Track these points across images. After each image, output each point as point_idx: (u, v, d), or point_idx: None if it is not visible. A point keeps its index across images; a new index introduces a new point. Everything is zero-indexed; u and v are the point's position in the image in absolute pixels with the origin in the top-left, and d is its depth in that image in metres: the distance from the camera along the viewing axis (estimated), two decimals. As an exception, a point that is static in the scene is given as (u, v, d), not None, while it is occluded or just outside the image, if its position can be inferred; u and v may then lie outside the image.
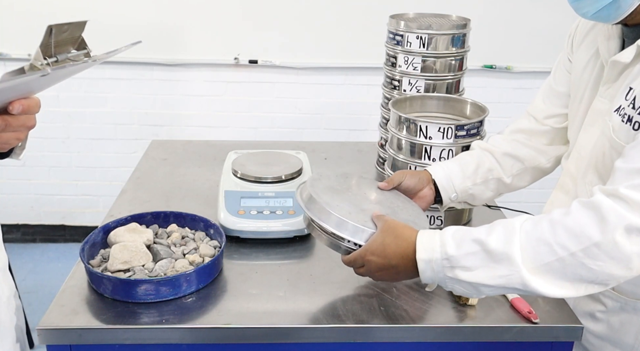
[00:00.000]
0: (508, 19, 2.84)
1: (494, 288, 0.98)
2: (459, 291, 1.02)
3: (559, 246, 0.93)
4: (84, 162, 3.12)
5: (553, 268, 0.93)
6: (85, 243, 1.21)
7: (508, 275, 0.95)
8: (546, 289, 0.94)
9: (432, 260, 1.01)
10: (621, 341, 1.16)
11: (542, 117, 1.34)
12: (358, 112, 3.02)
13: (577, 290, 0.95)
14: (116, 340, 1.08)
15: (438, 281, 1.02)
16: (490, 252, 0.96)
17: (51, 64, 0.81)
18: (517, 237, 0.96)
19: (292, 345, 1.12)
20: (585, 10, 1.05)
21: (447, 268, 0.99)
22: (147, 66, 2.91)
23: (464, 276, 0.98)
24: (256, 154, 1.57)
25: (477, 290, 1.00)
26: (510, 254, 0.95)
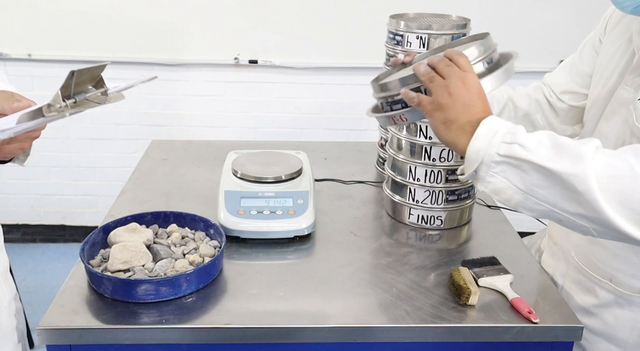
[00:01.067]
0: (508, 19, 2.84)
1: (546, 174, 0.83)
2: (494, 181, 0.88)
3: (638, 164, 0.82)
4: (84, 162, 3.12)
5: (622, 186, 0.81)
6: (85, 243, 1.21)
7: (571, 166, 0.82)
8: (605, 205, 0.81)
9: (497, 130, 0.88)
10: (615, 337, 1.16)
11: (559, 90, 1.34)
12: (358, 112, 3.02)
13: (636, 228, 0.82)
14: (116, 340, 1.08)
15: (484, 159, 0.88)
16: (558, 143, 0.86)
17: (69, 105, 0.83)
18: (594, 143, 0.85)
19: (292, 345, 1.12)
20: (625, 4, 1.01)
21: (505, 144, 0.86)
22: (147, 66, 2.91)
23: (521, 153, 0.85)
24: (256, 154, 1.57)
25: (522, 177, 0.85)
26: (582, 151, 0.83)
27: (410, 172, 1.44)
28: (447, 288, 1.19)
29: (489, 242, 1.40)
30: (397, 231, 1.44)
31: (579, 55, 1.32)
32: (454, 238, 1.40)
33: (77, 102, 0.86)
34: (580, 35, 1.32)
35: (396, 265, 1.28)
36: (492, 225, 1.46)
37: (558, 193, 0.85)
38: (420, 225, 1.45)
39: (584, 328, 1.17)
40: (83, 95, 0.88)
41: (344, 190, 1.64)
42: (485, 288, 1.19)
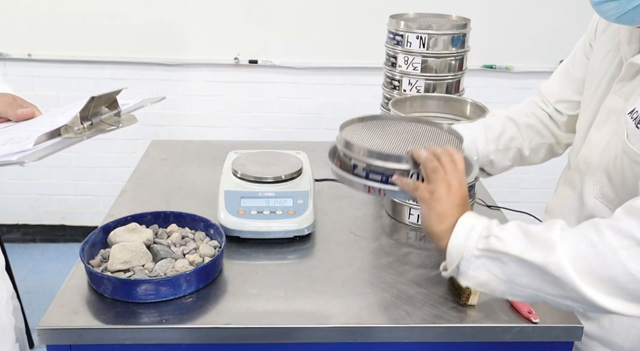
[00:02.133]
0: (508, 19, 2.84)
1: (523, 265, 0.88)
2: (477, 275, 0.91)
3: (601, 242, 0.85)
4: (84, 162, 3.12)
5: (594, 267, 0.85)
6: (85, 243, 1.21)
7: (545, 256, 0.86)
8: (582, 286, 0.85)
9: (473, 227, 0.93)
10: (611, 341, 1.16)
11: (554, 100, 1.34)
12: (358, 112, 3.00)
13: (618, 303, 0.85)
14: (116, 340, 1.08)
15: (464, 254, 0.92)
16: (529, 232, 0.90)
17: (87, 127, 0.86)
18: (557, 226, 0.90)
19: (292, 345, 1.12)
20: (609, 14, 1.02)
21: (482, 239, 0.91)
22: (147, 66, 2.91)
23: (495, 245, 0.89)
24: (256, 154, 1.57)
25: (502, 269, 0.89)
26: (550, 237, 0.87)
27: (410, 172, 1.44)
28: (447, 288, 1.19)
29: (489, 242, 1.40)
30: (397, 231, 1.44)
31: (571, 62, 1.31)
32: (454, 238, 1.40)
33: (93, 124, 0.89)
34: (580, 35, 1.32)
35: (396, 265, 1.28)
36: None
37: (538, 280, 0.89)
38: (420, 225, 1.45)
39: None
40: (98, 117, 0.91)
41: (344, 190, 1.64)
42: (485, 288, 1.19)
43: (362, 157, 1.03)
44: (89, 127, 0.89)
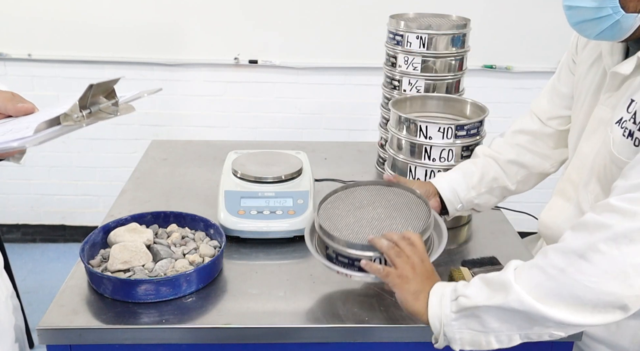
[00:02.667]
0: (508, 19, 2.84)
1: (493, 312, 0.93)
2: (462, 336, 0.96)
3: (548, 265, 0.90)
4: (84, 162, 3.12)
5: (548, 289, 0.89)
6: (85, 243, 1.21)
7: (504, 297, 0.91)
8: (547, 310, 0.89)
9: (443, 294, 0.98)
10: (617, 345, 1.16)
11: (545, 117, 1.34)
12: (358, 112, 3.01)
13: (586, 316, 0.89)
14: (116, 340, 1.08)
15: (444, 320, 0.97)
16: (489, 281, 0.95)
17: (85, 115, 0.88)
18: (511, 268, 0.95)
19: (292, 345, 1.12)
20: (588, 33, 1.04)
21: (453, 302, 0.96)
22: (147, 66, 2.91)
23: (465, 302, 0.95)
24: (256, 154, 1.57)
25: (479, 322, 0.94)
26: (504, 279, 0.93)
27: (410, 172, 1.44)
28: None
29: (489, 242, 1.40)
30: (397, 231, 1.44)
31: (557, 78, 1.32)
32: (454, 238, 1.40)
33: (92, 113, 0.91)
34: (580, 35, 1.32)
35: (396, 265, 1.27)
36: (492, 225, 1.46)
37: (511, 320, 0.93)
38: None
39: (586, 334, 1.17)
40: (97, 106, 0.92)
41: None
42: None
43: (334, 244, 1.11)
44: (87, 115, 0.90)
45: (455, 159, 1.41)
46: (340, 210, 1.19)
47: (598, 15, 0.99)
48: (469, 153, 1.42)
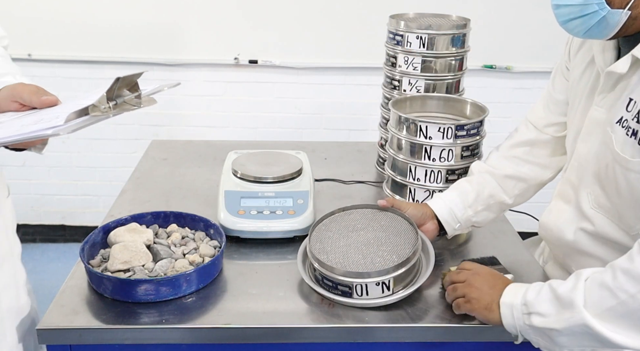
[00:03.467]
0: (508, 19, 2.84)
1: (563, 333, 0.97)
2: (538, 343, 1.02)
3: (619, 290, 0.93)
4: (84, 162, 3.12)
5: (618, 313, 0.93)
6: (85, 243, 1.21)
7: (571, 317, 0.96)
8: (616, 336, 0.93)
9: (513, 305, 1.03)
10: None
11: (542, 125, 1.34)
12: (358, 112, 3.01)
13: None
14: (116, 340, 1.08)
15: (519, 329, 1.03)
16: (559, 297, 0.98)
17: (112, 107, 0.94)
18: (582, 282, 0.97)
19: (292, 345, 1.12)
20: (576, 31, 1.06)
21: (525, 316, 1.01)
22: (147, 66, 2.90)
23: (537, 322, 1.00)
24: (256, 154, 1.57)
25: (551, 339, 0.99)
26: (573, 298, 0.96)
27: (410, 172, 1.44)
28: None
29: (489, 242, 1.40)
30: (397, 231, 1.44)
31: (552, 85, 1.33)
32: (454, 238, 1.40)
33: (117, 104, 0.96)
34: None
35: (396, 265, 1.27)
36: (492, 225, 1.46)
37: (581, 341, 0.98)
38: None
39: None
40: (122, 98, 0.97)
41: (344, 190, 1.64)
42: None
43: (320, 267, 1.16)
44: (113, 106, 0.96)
45: (455, 159, 1.41)
46: (332, 232, 1.24)
47: (585, 12, 1.01)
48: (469, 153, 1.42)
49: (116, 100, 0.96)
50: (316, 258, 1.16)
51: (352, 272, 1.12)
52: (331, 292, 1.14)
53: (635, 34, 1.03)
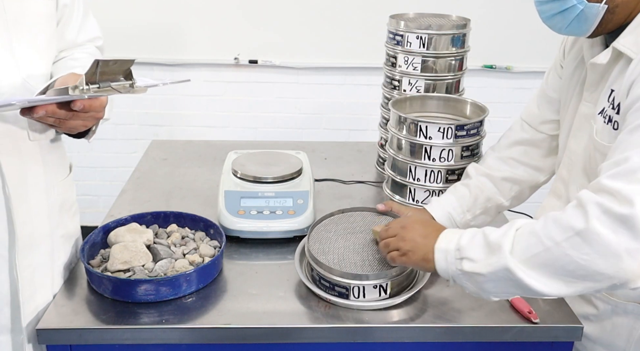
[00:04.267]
0: (508, 19, 2.84)
1: (489, 278, 0.97)
2: (468, 288, 1.01)
3: (546, 237, 0.92)
4: (84, 162, 3.12)
5: (541, 260, 0.92)
6: (85, 243, 1.21)
7: (496, 262, 0.95)
8: (536, 282, 0.93)
9: (447, 250, 1.02)
10: (613, 344, 1.16)
11: (536, 123, 1.34)
12: (358, 112, 3.01)
13: (569, 287, 0.92)
14: (116, 340, 1.08)
15: (452, 274, 1.02)
16: (489, 243, 0.98)
17: (91, 89, 0.96)
18: (513, 230, 0.97)
19: (292, 345, 1.12)
20: (558, 27, 1.09)
21: (458, 261, 1.00)
22: (147, 66, 2.91)
23: (467, 267, 0.99)
24: (256, 154, 1.57)
25: (479, 284, 0.99)
26: (501, 244, 0.96)
27: (410, 172, 1.44)
28: (448, 288, 1.19)
29: (489, 242, 1.40)
30: (397, 231, 1.44)
31: (546, 84, 1.34)
32: (454, 238, 1.40)
33: (100, 88, 0.98)
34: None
35: (396, 265, 1.27)
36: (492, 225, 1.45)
37: (506, 286, 0.97)
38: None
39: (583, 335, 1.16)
40: (108, 83, 0.99)
41: (344, 190, 1.64)
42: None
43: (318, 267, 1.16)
44: (95, 90, 0.97)
45: (455, 159, 1.41)
46: (331, 233, 1.25)
47: (564, 7, 1.05)
48: (469, 153, 1.42)
49: (100, 84, 0.97)
50: (314, 258, 1.16)
51: (350, 273, 1.12)
52: (328, 293, 1.14)
53: (618, 30, 1.06)
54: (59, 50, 1.21)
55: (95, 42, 1.33)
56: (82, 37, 1.27)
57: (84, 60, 1.21)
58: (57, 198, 1.20)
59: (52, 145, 1.18)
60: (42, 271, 1.14)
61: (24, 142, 1.08)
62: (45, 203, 1.15)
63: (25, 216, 1.10)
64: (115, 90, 0.99)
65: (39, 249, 1.13)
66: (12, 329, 1.10)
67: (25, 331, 1.11)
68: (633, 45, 1.02)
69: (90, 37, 1.31)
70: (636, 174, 0.88)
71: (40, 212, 1.14)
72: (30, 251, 1.11)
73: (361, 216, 1.31)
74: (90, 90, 0.95)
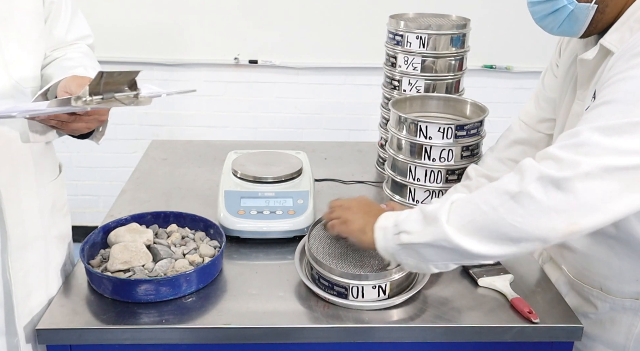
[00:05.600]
0: (508, 19, 2.84)
1: (428, 247, 1.00)
2: (408, 263, 1.05)
3: (483, 202, 0.95)
4: (84, 162, 3.12)
5: (478, 225, 0.95)
6: (85, 243, 1.21)
7: (434, 231, 0.98)
8: (473, 246, 0.95)
9: (386, 227, 1.06)
10: (612, 342, 1.17)
11: (534, 122, 1.35)
12: (358, 112, 3.01)
13: (503, 248, 0.95)
14: (116, 340, 1.08)
15: (392, 251, 1.05)
16: (426, 215, 1.01)
17: (94, 101, 0.95)
18: (449, 202, 1.00)
19: (292, 345, 1.12)
20: (550, 28, 1.11)
21: (395, 236, 1.04)
22: (147, 66, 2.91)
23: (405, 239, 1.02)
24: (256, 154, 1.57)
25: (418, 254, 1.02)
26: (438, 215, 0.99)
27: (410, 172, 1.44)
28: (448, 288, 1.19)
29: (489, 242, 1.40)
30: (397, 231, 1.44)
31: (542, 83, 1.35)
32: (454, 238, 1.40)
33: (103, 99, 0.96)
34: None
35: (396, 265, 1.27)
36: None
37: (444, 254, 1.01)
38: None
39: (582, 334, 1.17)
40: (112, 94, 0.97)
41: (344, 190, 1.64)
42: (485, 288, 1.19)
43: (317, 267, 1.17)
44: (98, 101, 0.96)
45: (455, 159, 1.41)
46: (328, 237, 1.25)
47: (555, 7, 1.07)
48: (469, 153, 1.42)
49: (103, 95, 0.96)
50: (314, 257, 1.16)
51: (349, 273, 1.12)
52: (327, 292, 1.14)
53: (608, 28, 1.07)
54: (49, 49, 1.19)
55: (85, 40, 1.29)
56: (71, 36, 1.25)
57: (80, 59, 1.19)
58: (48, 199, 1.19)
59: (43, 145, 1.17)
60: (35, 273, 1.14)
61: (15, 142, 1.07)
62: (36, 204, 1.15)
63: (17, 217, 1.09)
64: (119, 101, 0.98)
65: (32, 250, 1.13)
66: (6, 332, 1.10)
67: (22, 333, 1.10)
68: (618, 42, 1.03)
69: (80, 35, 1.27)
70: (583, 147, 0.91)
71: (32, 213, 1.13)
72: (24, 252, 1.11)
73: None
74: (93, 101, 0.95)
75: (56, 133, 1.13)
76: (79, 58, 1.20)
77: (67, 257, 1.27)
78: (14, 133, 1.07)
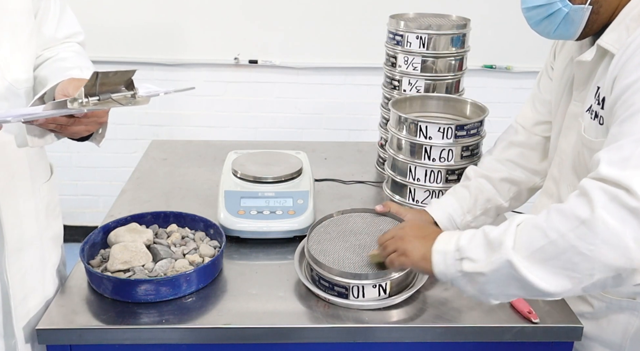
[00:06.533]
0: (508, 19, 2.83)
1: (490, 278, 0.94)
2: (467, 291, 0.99)
3: (550, 229, 0.89)
4: (84, 162, 3.12)
5: (546, 254, 0.89)
6: (85, 243, 1.21)
7: (498, 258, 0.92)
8: (541, 280, 0.89)
9: (446, 252, 0.99)
10: (610, 341, 1.17)
11: (530, 124, 1.35)
12: (358, 112, 3.01)
13: (574, 283, 0.89)
14: (116, 340, 1.08)
15: (451, 277, 0.99)
16: (490, 241, 0.95)
17: (91, 102, 0.93)
18: (514, 226, 0.94)
19: (292, 345, 1.12)
20: (546, 32, 1.10)
21: (458, 262, 0.97)
22: (147, 66, 2.91)
23: (467, 268, 0.96)
24: (256, 154, 1.57)
25: (479, 286, 0.96)
26: (503, 240, 0.93)
27: (410, 172, 1.44)
28: (448, 288, 1.19)
29: (489, 242, 1.40)
30: (397, 231, 1.44)
31: (538, 86, 1.35)
32: (454, 238, 1.40)
33: (100, 100, 0.95)
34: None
35: (396, 265, 1.27)
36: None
37: (508, 287, 0.95)
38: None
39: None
40: (109, 94, 0.96)
41: (344, 190, 1.64)
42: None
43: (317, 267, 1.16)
44: (94, 102, 0.94)
45: (455, 159, 1.41)
46: (331, 234, 1.25)
47: (550, 11, 1.06)
48: (469, 153, 1.42)
49: (99, 96, 0.94)
50: (313, 258, 1.16)
51: (349, 273, 1.12)
52: (328, 293, 1.14)
53: (603, 29, 1.07)
54: (39, 48, 1.17)
55: (75, 37, 1.27)
56: (61, 33, 1.22)
57: (74, 60, 1.17)
58: (42, 201, 1.19)
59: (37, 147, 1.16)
60: (33, 275, 1.14)
61: (10, 145, 1.06)
62: (32, 206, 1.14)
63: (14, 219, 1.09)
64: (116, 101, 0.96)
65: (28, 252, 1.13)
66: (4, 333, 1.10)
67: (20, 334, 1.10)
68: (615, 41, 1.03)
69: (70, 32, 1.25)
70: (630, 161, 0.87)
71: (28, 214, 1.13)
72: (20, 254, 1.11)
73: (360, 217, 1.31)
74: (89, 103, 0.92)
75: (55, 137, 1.11)
76: (73, 58, 1.18)
77: (61, 258, 1.27)
78: (9, 136, 1.06)
